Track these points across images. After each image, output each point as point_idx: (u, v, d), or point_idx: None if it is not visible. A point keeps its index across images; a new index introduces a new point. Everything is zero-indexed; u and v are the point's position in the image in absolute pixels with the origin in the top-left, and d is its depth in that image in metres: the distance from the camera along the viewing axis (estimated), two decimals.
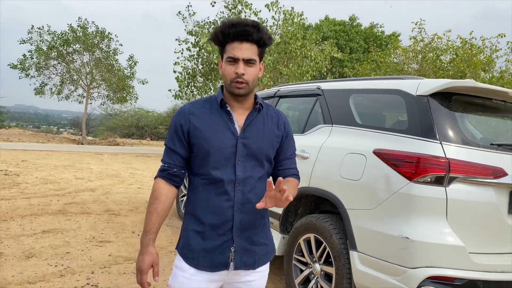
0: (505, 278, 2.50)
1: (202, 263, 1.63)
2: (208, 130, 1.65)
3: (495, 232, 2.63)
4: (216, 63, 14.48)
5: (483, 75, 16.33)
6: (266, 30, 1.63)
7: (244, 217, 1.66)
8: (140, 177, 9.85)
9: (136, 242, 4.64)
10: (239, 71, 1.59)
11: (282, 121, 1.79)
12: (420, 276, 2.43)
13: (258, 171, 1.69)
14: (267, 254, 1.78)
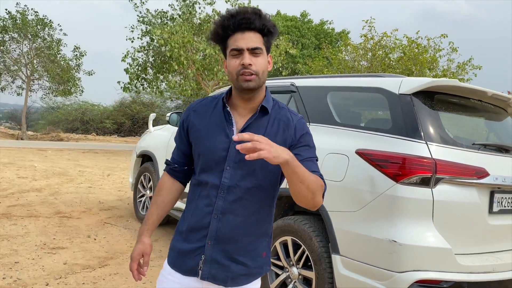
0: (488, 279, 2.50)
1: (177, 264, 1.57)
2: (203, 129, 1.55)
3: (477, 232, 2.63)
4: (168, 55, 14.04)
5: (428, 73, 17.02)
6: (269, 17, 1.49)
7: (222, 226, 1.50)
8: (90, 175, 9.32)
9: (93, 247, 4.30)
10: (245, 61, 1.43)
11: (293, 125, 1.54)
12: (408, 280, 2.37)
13: (249, 181, 1.49)
14: (246, 275, 1.55)
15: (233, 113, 1.55)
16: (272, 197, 1.59)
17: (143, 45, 15.13)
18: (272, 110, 1.56)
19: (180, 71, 14.79)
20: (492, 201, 2.65)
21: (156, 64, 15.36)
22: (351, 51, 17.92)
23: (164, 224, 5.34)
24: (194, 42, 13.37)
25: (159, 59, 15.02)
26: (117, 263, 3.92)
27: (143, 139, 5.69)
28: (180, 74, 15.24)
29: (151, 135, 5.45)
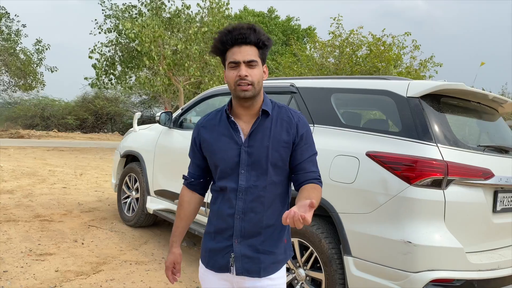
0: (494, 276, 2.61)
1: (210, 263, 1.72)
2: (214, 142, 1.71)
3: (482, 231, 2.73)
4: (138, 50, 13.70)
5: (394, 71, 17.48)
6: (263, 31, 1.66)
7: (245, 225, 1.66)
8: (62, 174, 8.99)
9: (82, 252, 4.15)
10: (241, 73, 1.59)
11: (294, 123, 1.69)
12: (423, 280, 2.43)
13: (263, 179, 1.66)
14: (275, 263, 1.70)
15: (237, 122, 1.70)
16: (285, 189, 1.74)
17: (111, 40, 14.68)
18: (272, 111, 1.70)
19: (150, 67, 14.48)
20: (496, 201, 2.76)
21: (124, 59, 14.95)
22: (319, 48, 18.10)
23: (152, 226, 5.23)
24: (166, 37, 13.10)
25: (128, 54, 14.63)
26: (111, 269, 3.81)
27: (127, 138, 5.53)
28: (150, 70, 14.92)
29: (136, 135, 5.30)
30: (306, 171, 1.69)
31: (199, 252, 4.50)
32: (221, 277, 1.71)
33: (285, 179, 1.71)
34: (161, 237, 4.90)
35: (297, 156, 1.68)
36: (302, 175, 1.69)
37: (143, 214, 4.95)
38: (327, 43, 17.72)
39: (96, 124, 31.57)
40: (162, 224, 5.43)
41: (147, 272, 3.81)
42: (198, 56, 14.03)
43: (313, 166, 1.71)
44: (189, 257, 4.30)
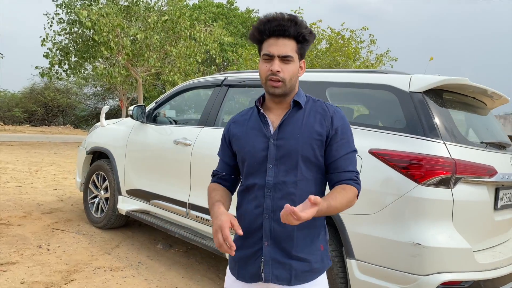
0: (498, 275, 2.56)
1: (240, 273, 1.59)
2: (243, 136, 1.63)
3: (485, 229, 2.68)
4: (94, 39, 13.00)
5: (352, 64, 17.73)
6: (306, 24, 1.53)
7: (275, 225, 1.52)
8: (14, 172, 8.36)
9: (49, 260, 3.79)
10: (273, 68, 1.50)
11: (329, 116, 1.56)
12: (433, 283, 2.34)
13: (293, 175, 1.53)
14: (309, 271, 1.54)
15: (268, 114, 1.61)
16: (320, 188, 1.60)
17: (64, 28, 13.85)
18: (306, 104, 1.60)
19: (108, 57, 13.81)
20: (497, 198, 2.71)
21: (79, 49, 14.17)
22: None
23: (123, 227, 4.90)
24: (125, 26, 12.49)
25: (83, 43, 13.87)
26: (84, 277, 3.48)
27: (93, 134, 5.14)
28: (107, 60, 14.23)
29: (104, 130, 4.93)
30: (341, 170, 1.55)
31: (177, 255, 4.26)
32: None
33: (319, 176, 1.58)
34: (134, 239, 4.59)
35: (332, 152, 1.55)
36: (336, 174, 1.56)
37: (113, 215, 4.61)
38: None
39: (46, 116, 30.02)
40: (133, 225, 5.11)
41: (124, 279, 3.52)
42: (158, 46, 13.52)
43: (349, 165, 1.55)
44: (167, 261, 4.04)
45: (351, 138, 1.58)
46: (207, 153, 3.57)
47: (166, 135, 4.08)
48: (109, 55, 13.34)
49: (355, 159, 1.57)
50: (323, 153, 1.55)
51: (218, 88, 3.84)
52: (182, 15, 13.32)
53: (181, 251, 4.37)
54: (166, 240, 4.65)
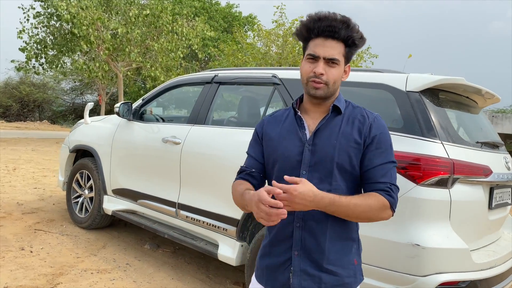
0: (493, 274, 2.58)
1: (268, 282, 1.53)
2: (276, 137, 1.56)
3: (480, 229, 2.69)
4: (73, 32, 12.67)
5: None
6: (358, 28, 1.46)
7: (306, 235, 1.46)
8: None
9: (33, 262, 3.65)
10: (317, 70, 1.43)
11: (368, 124, 1.48)
12: (431, 284, 2.33)
13: (327, 183, 1.45)
14: (340, 286, 1.46)
15: (305, 118, 1.54)
16: None
17: (42, 21, 13.45)
18: (345, 109, 1.53)
19: (87, 51, 13.48)
20: (492, 197, 2.73)
21: (57, 42, 13.79)
22: (263, 36, 17.93)
23: (108, 228, 4.78)
24: (105, 20, 12.20)
25: (61, 37, 13.50)
26: (71, 280, 3.37)
27: (76, 131, 4.99)
28: (86, 54, 13.90)
29: (89, 128, 4.78)
30: (373, 181, 1.45)
31: (165, 255, 4.18)
32: None
33: (354, 187, 1.49)
34: (120, 240, 4.48)
35: (366, 161, 1.46)
36: (368, 185, 1.47)
37: (98, 215, 4.49)
38: (271, 32, 17.61)
39: (22, 112, 29.20)
40: (118, 225, 4.99)
41: (112, 281, 3.42)
42: (139, 41, 13.27)
43: (384, 176, 1.45)
44: (155, 262, 3.95)
45: (390, 149, 1.49)
46: (198, 151, 3.50)
47: (154, 133, 3.98)
48: (88, 49, 13.02)
49: (392, 170, 1.47)
50: (359, 162, 1.47)
51: (209, 85, 3.76)
52: (164, 9, 13.09)
53: (169, 252, 4.28)
54: (153, 240, 4.55)
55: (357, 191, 1.51)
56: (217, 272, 3.87)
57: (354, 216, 1.40)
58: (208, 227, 3.38)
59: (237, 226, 3.16)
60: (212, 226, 3.34)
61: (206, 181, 3.40)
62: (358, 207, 1.37)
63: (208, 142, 3.45)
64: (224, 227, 3.25)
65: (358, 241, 1.57)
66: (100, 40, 12.35)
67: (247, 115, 3.77)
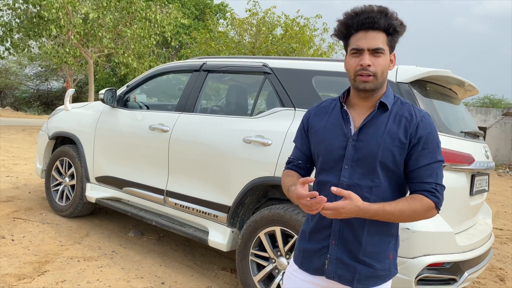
0: (474, 256, 2.74)
1: (303, 263, 1.61)
2: (321, 130, 1.58)
3: (462, 213, 2.85)
4: (40, 16, 12.21)
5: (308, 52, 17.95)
6: (396, 15, 1.47)
7: (344, 226, 1.50)
8: None
9: (17, 251, 3.58)
10: (364, 62, 1.43)
11: (415, 124, 1.47)
12: (419, 265, 2.47)
13: (369, 179, 1.47)
14: (374, 277, 1.52)
15: (351, 112, 1.55)
16: (397, 196, 1.51)
17: (7, 3, 12.88)
18: (393, 106, 1.52)
19: (56, 35, 13.03)
20: (473, 184, 2.89)
21: (24, 26, 13.27)
22: (237, 25, 17.85)
23: (89, 216, 4.72)
24: (76, 4, 11.82)
25: (28, 20, 12.99)
26: (58, 268, 3.33)
27: (55, 118, 4.87)
28: (54, 39, 13.44)
29: (70, 114, 4.68)
30: (419, 181, 1.47)
31: (150, 243, 4.18)
32: (314, 279, 1.58)
33: (397, 184, 1.51)
34: (103, 228, 4.45)
35: (412, 161, 1.47)
36: (414, 184, 1.49)
37: (80, 203, 4.43)
38: (245, 21, 17.55)
39: None
40: (99, 213, 4.94)
41: (100, 269, 3.41)
42: (111, 27, 12.94)
43: (430, 176, 1.46)
44: (141, 249, 3.95)
45: (437, 148, 1.49)
46: (186, 139, 3.51)
47: (140, 120, 3.95)
48: (57, 34, 12.60)
49: (438, 170, 1.48)
50: (403, 160, 1.48)
51: (197, 73, 3.76)
52: None
53: (154, 239, 4.29)
54: (136, 228, 4.54)
55: (400, 188, 1.53)
56: (203, 258, 3.91)
57: (399, 220, 1.46)
58: (198, 214, 3.41)
59: (228, 212, 3.20)
60: (202, 213, 3.38)
61: (196, 168, 3.42)
62: (403, 213, 1.41)
63: (197, 130, 3.46)
64: (214, 214, 3.29)
65: (397, 236, 1.61)
66: (70, 25, 11.97)
67: (236, 104, 3.80)
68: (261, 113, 3.24)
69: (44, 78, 30.53)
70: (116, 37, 13.89)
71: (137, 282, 3.25)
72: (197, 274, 3.53)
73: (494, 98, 30.86)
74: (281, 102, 3.15)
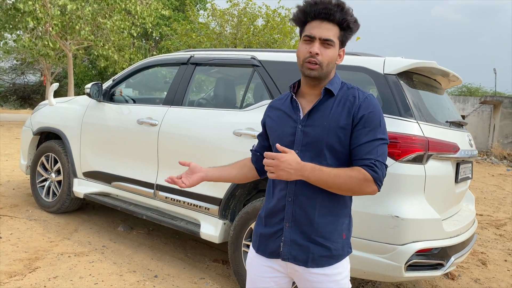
0: (459, 241, 2.84)
1: (260, 248, 1.66)
2: (275, 119, 1.68)
3: (448, 200, 2.94)
4: (16, 8, 11.90)
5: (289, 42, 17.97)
6: (351, 12, 1.53)
7: (296, 209, 1.57)
8: None
9: (5, 248, 3.54)
10: (313, 50, 1.50)
11: (357, 104, 1.53)
12: (409, 251, 2.55)
13: (318, 162, 1.51)
14: (328, 257, 1.56)
15: (300, 101, 1.63)
16: None
17: None
18: (339, 91, 1.59)
19: (32, 28, 12.73)
20: (458, 172, 2.98)
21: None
22: (218, 16, 17.72)
23: (77, 211, 4.69)
24: None
25: (4, 13, 12.64)
26: (49, 264, 3.32)
27: (39, 113, 4.79)
28: (32, 31, 13.13)
29: (54, 109, 4.62)
30: (359, 158, 1.50)
31: (140, 236, 4.18)
32: (271, 263, 1.64)
33: (345, 165, 1.55)
34: (91, 223, 4.42)
35: (353, 139, 1.52)
36: (355, 161, 1.52)
37: (68, 199, 4.39)
38: (226, 12, 17.44)
39: None
40: (86, 208, 4.91)
41: (92, 264, 3.40)
42: (90, 19, 12.70)
43: (369, 153, 1.49)
44: (131, 243, 3.96)
45: (378, 127, 1.52)
46: (175, 132, 3.51)
47: (127, 114, 3.93)
48: (34, 26, 12.31)
49: (379, 147, 1.51)
50: (348, 141, 1.54)
51: (184, 66, 3.75)
52: None
53: (144, 233, 4.29)
54: (125, 222, 4.53)
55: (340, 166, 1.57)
56: (194, 250, 3.94)
57: (335, 187, 1.47)
58: (189, 207, 3.43)
59: (220, 205, 3.24)
60: (193, 205, 3.40)
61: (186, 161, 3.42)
62: (338, 177, 1.45)
63: (187, 124, 3.47)
64: (206, 207, 3.32)
65: (349, 217, 1.66)
66: (48, 17, 11.71)
67: (224, 97, 3.81)
68: (251, 106, 3.26)
69: (20, 71, 29.81)
70: (96, 29, 13.64)
71: (130, 276, 3.26)
72: (189, 266, 3.56)
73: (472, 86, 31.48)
74: (271, 94, 3.18)
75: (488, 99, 19.15)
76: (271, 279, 1.65)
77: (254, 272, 1.69)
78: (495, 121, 19.48)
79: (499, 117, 18.57)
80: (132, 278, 3.22)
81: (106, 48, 13.38)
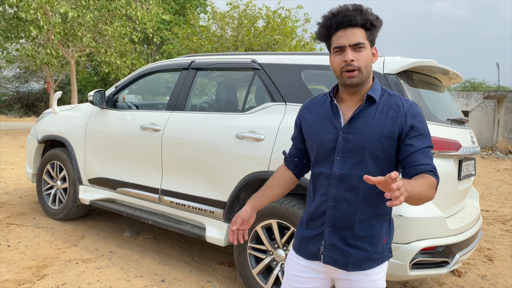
0: (463, 238, 2.85)
1: (299, 249, 1.70)
2: (313, 124, 1.67)
3: (451, 198, 2.95)
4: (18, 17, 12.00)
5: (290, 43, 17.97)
6: (371, 11, 1.54)
7: (337, 214, 1.59)
8: None
9: (14, 256, 3.58)
10: (347, 58, 1.50)
11: (403, 113, 1.54)
12: (413, 250, 2.56)
13: (360, 169, 1.54)
14: (368, 260, 1.59)
15: (340, 106, 1.62)
16: None
17: None
18: (380, 98, 1.59)
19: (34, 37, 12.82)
20: (461, 169, 2.99)
21: (1, 27, 13.01)
22: (219, 18, 17.77)
23: (83, 218, 4.73)
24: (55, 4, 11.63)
25: (7, 22, 12.74)
26: (57, 271, 3.35)
27: (43, 121, 4.84)
28: (34, 40, 13.22)
29: (58, 117, 4.66)
30: (417, 164, 1.49)
31: (147, 241, 4.21)
32: (310, 264, 1.67)
33: (385, 173, 1.54)
34: (98, 229, 4.46)
35: (406, 147, 1.52)
36: (412, 168, 1.50)
37: (74, 206, 4.43)
38: (226, 14, 17.49)
39: None
40: (92, 214, 4.95)
41: (99, 270, 3.43)
42: (92, 25, 12.78)
43: (425, 158, 1.50)
44: (138, 248, 3.99)
45: (428, 135, 1.55)
46: (179, 137, 3.54)
47: (131, 120, 3.96)
48: (36, 35, 12.39)
49: (431, 154, 1.54)
50: (393, 149, 1.54)
51: (186, 72, 3.78)
52: None
53: (150, 238, 4.32)
54: (131, 227, 4.56)
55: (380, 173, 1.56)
56: (200, 254, 3.96)
57: (425, 198, 1.40)
58: (194, 210, 3.45)
59: (224, 208, 3.26)
60: (198, 209, 3.42)
61: (190, 166, 3.46)
62: (423, 187, 1.39)
63: (190, 128, 3.49)
64: (211, 210, 3.34)
65: (389, 221, 1.67)
66: (50, 25, 11.79)
67: (226, 100, 3.84)
68: (252, 109, 3.28)
69: (23, 79, 30.00)
70: (97, 36, 13.72)
71: (137, 281, 3.29)
72: (196, 270, 3.58)
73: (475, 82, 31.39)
74: (272, 97, 3.20)
75: (492, 94, 19.09)
76: (309, 279, 1.67)
77: (292, 272, 1.71)
78: (499, 115, 19.40)
79: (503, 111, 18.50)
80: (139, 283, 3.24)
81: (108, 54, 13.45)
